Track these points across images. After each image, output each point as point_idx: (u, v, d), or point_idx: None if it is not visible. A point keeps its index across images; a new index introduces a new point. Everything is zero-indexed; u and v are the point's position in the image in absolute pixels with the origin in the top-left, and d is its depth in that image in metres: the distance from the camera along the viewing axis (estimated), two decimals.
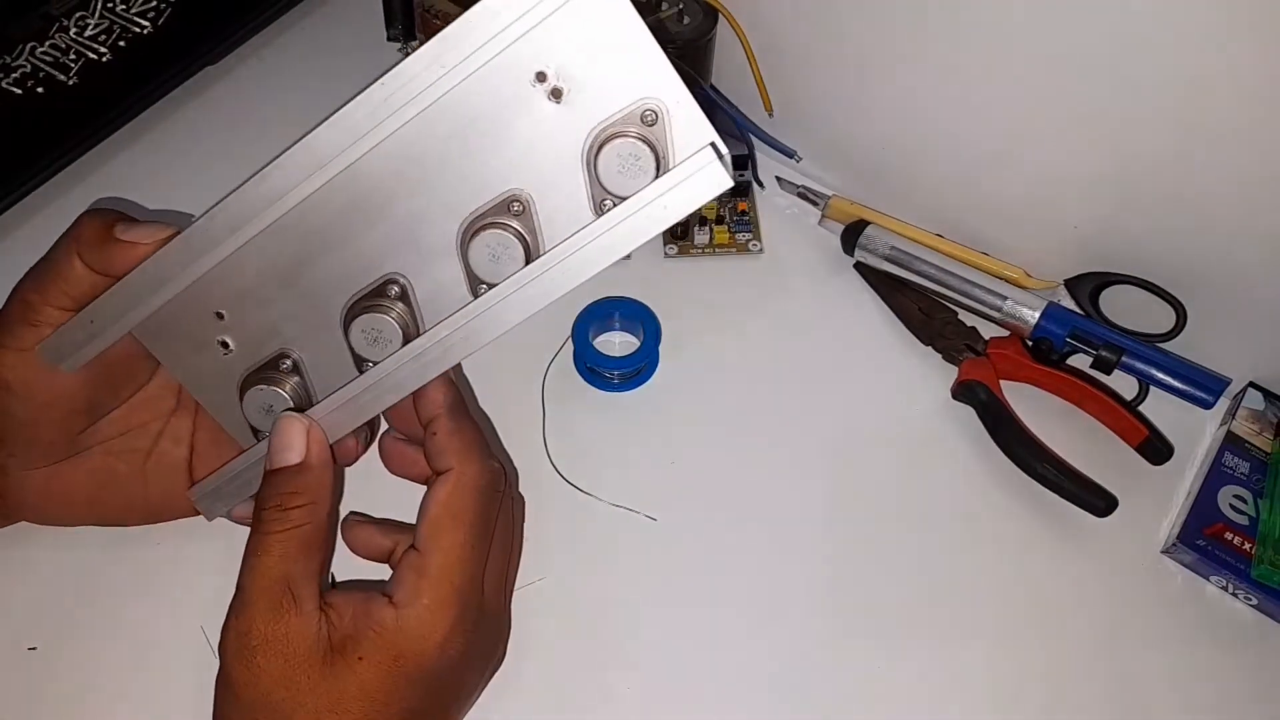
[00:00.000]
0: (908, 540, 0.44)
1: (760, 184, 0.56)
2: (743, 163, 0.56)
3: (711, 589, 0.43)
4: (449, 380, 0.35)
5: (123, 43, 0.57)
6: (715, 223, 0.54)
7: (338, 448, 0.35)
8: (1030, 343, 0.49)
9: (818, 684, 0.41)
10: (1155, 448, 0.46)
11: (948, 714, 0.40)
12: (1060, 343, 0.48)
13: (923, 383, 0.50)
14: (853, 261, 0.54)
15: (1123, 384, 0.49)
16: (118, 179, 0.56)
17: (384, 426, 0.39)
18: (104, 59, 0.56)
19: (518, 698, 0.39)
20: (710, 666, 0.41)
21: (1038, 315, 0.49)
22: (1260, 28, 0.38)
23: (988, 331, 0.51)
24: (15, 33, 0.55)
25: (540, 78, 0.29)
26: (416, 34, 0.61)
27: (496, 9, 0.28)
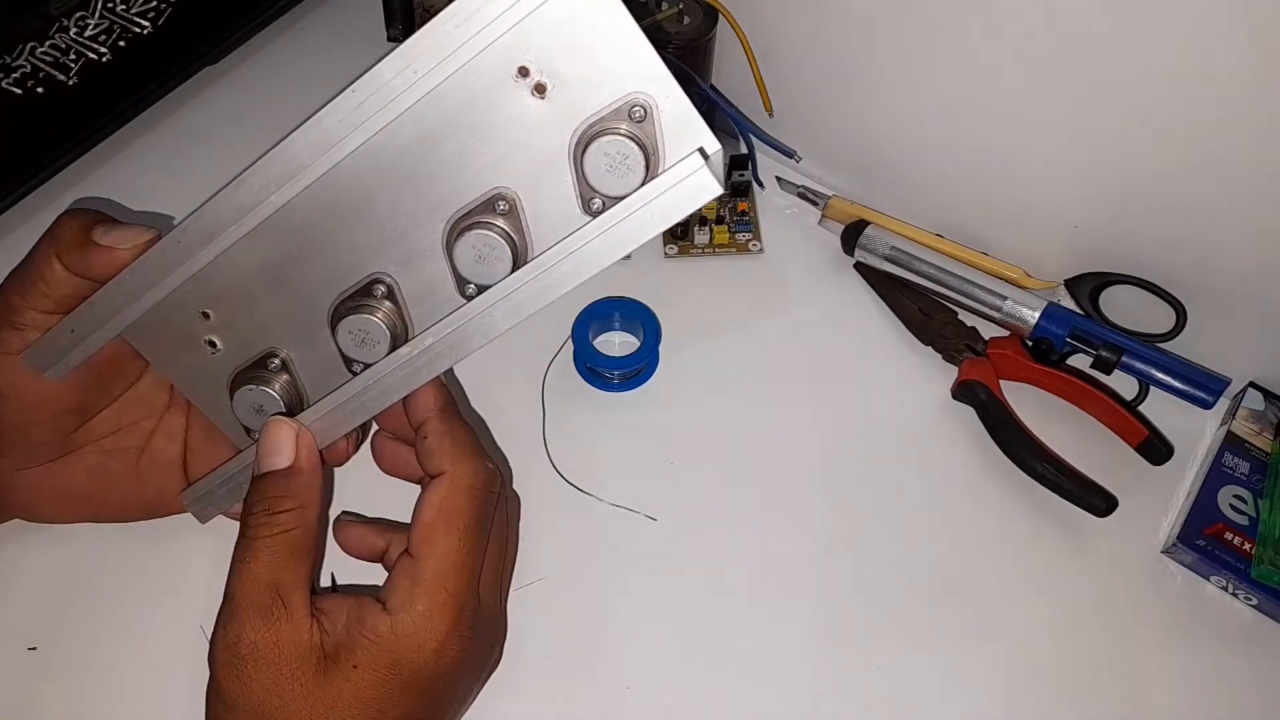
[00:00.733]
0: (908, 540, 0.44)
1: (760, 184, 0.56)
2: (743, 163, 0.56)
3: (711, 589, 0.43)
4: (439, 382, 0.34)
5: (123, 43, 0.57)
6: (715, 223, 0.54)
7: (328, 450, 0.35)
8: (1030, 343, 0.49)
9: (818, 683, 0.41)
10: (1155, 448, 0.46)
11: (948, 714, 0.40)
12: (1060, 343, 0.48)
13: (923, 383, 0.50)
14: (853, 261, 0.54)
15: (1123, 384, 0.49)
16: (117, 179, 0.57)
17: (375, 427, 0.39)
18: (104, 59, 0.56)
19: (517, 698, 0.39)
20: (710, 666, 0.41)
21: (1037, 315, 0.49)
22: (1260, 27, 0.38)
23: (988, 331, 0.51)
24: (15, 33, 0.55)
25: (522, 73, 0.28)
26: None
27: (471, 9, 0.27)
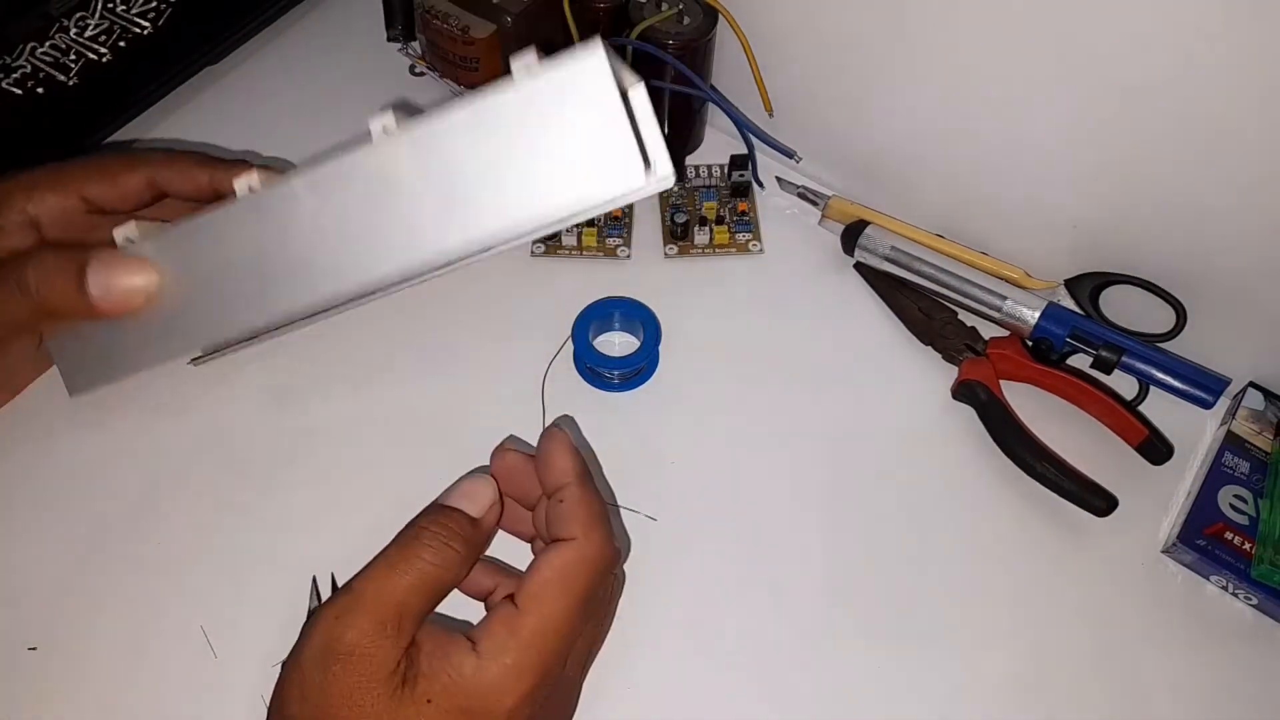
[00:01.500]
0: (907, 540, 0.44)
1: (760, 184, 0.57)
2: (743, 163, 0.56)
3: (711, 589, 0.43)
4: (576, 450, 0.35)
5: (123, 43, 0.57)
6: (715, 223, 0.54)
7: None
8: (1030, 343, 0.49)
9: (817, 683, 0.41)
10: (1155, 448, 0.46)
11: (947, 713, 0.40)
12: (1060, 343, 0.48)
13: (923, 383, 0.50)
14: (853, 261, 0.54)
15: (1123, 384, 0.49)
16: None
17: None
18: (104, 59, 0.56)
19: None
20: (709, 666, 0.41)
21: (1037, 315, 0.49)
22: (1261, 27, 0.38)
23: (987, 331, 0.51)
24: (15, 33, 0.55)
25: None
26: (417, 34, 0.61)
27: None
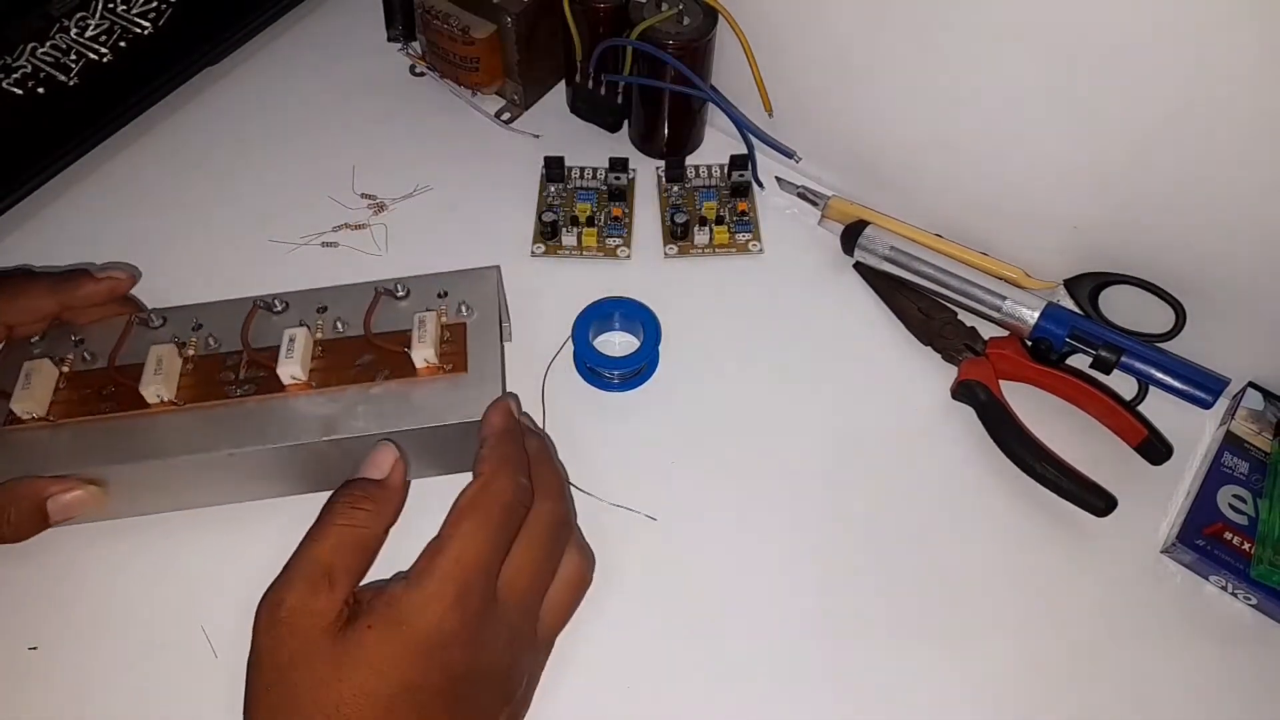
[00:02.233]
0: (907, 540, 0.44)
1: (760, 184, 0.57)
2: (743, 163, 0.56)
3: (710, 589, 0.43)
4: (508, 412, 0.39)
5: (123, 43, 0.57)
6: (715, 223, 0.54)
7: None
8: (1030, 343, 0.49)
9: (817, 683, 0.41)
10: (1155, 448, 0.46)
11: (947, 713, 0.40)
12: (1060, 343, 0.48)
13: (922, 383, 0.50)
14: (852, 261, 0.54)
15: (1122, 384, 0.49)
16: (118, 179, 0.57)
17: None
18: (104, 59, 0.56)
19: None
20: (709, 665, 0.41)
21: (1037, 315, 0.49)
22: (1260, 26, 0.38)
23: (987, 331, 0.51)
24: (16, 33, 0.56)
25: None
26: (417, 34, 0.61)
27: None
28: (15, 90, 0.54)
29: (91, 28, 0.57)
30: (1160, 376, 0.48)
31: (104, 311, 0.45)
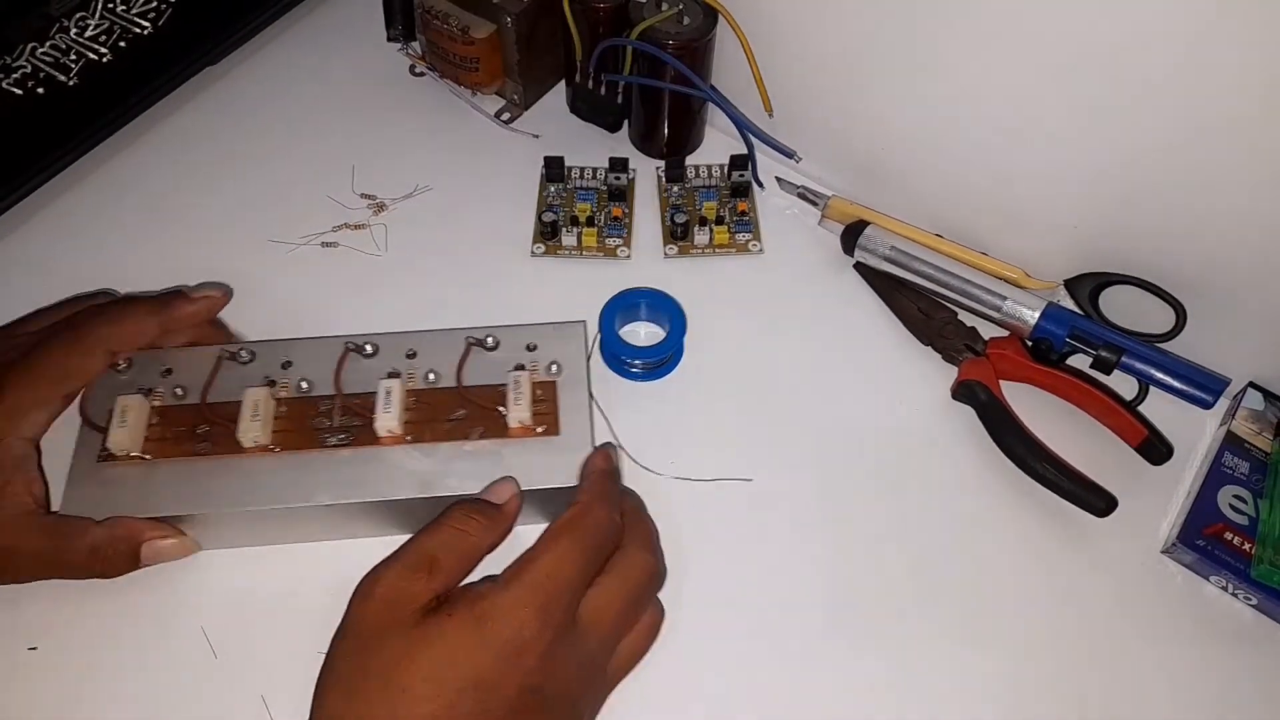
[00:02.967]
0: (907, 540, 0.44)
1: (760, 184, 0.57)
2: (743, 163, 0.56)
3: (709, 589, 0.43)
4: (609, 458, 0.41)
5: (123, 43, 0.57)
6: (715, 223, 0.54)
7: None
8: (1030, 343, 0.49)
9: (816, 683, 0.41)
10: (1155, 448, 0.46)
11: (947, 713, 0.40)
12: (1060, 343, 0.48)
13: (923, 383, 0.50)
14: (853, 261, 0.54)
15: (1123, 384, 0.49)
16: (118, 179, 0.57)
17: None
18: (104, 59, 0.56)
19: None
20: (707, 665, 0.41)
21: (1037, 315, 0.49)
22: (1260, 26, 0.38)
23: (987, 331, 0.51)
24: (15, 33, 0.56)
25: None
26: (417, 34, 0.61)
27: None
28: (15, 90, 0.54)
29: (91, 28, 0.57)
30: (1160, 376, 0.48)
31: (197, 333, 0.45)
